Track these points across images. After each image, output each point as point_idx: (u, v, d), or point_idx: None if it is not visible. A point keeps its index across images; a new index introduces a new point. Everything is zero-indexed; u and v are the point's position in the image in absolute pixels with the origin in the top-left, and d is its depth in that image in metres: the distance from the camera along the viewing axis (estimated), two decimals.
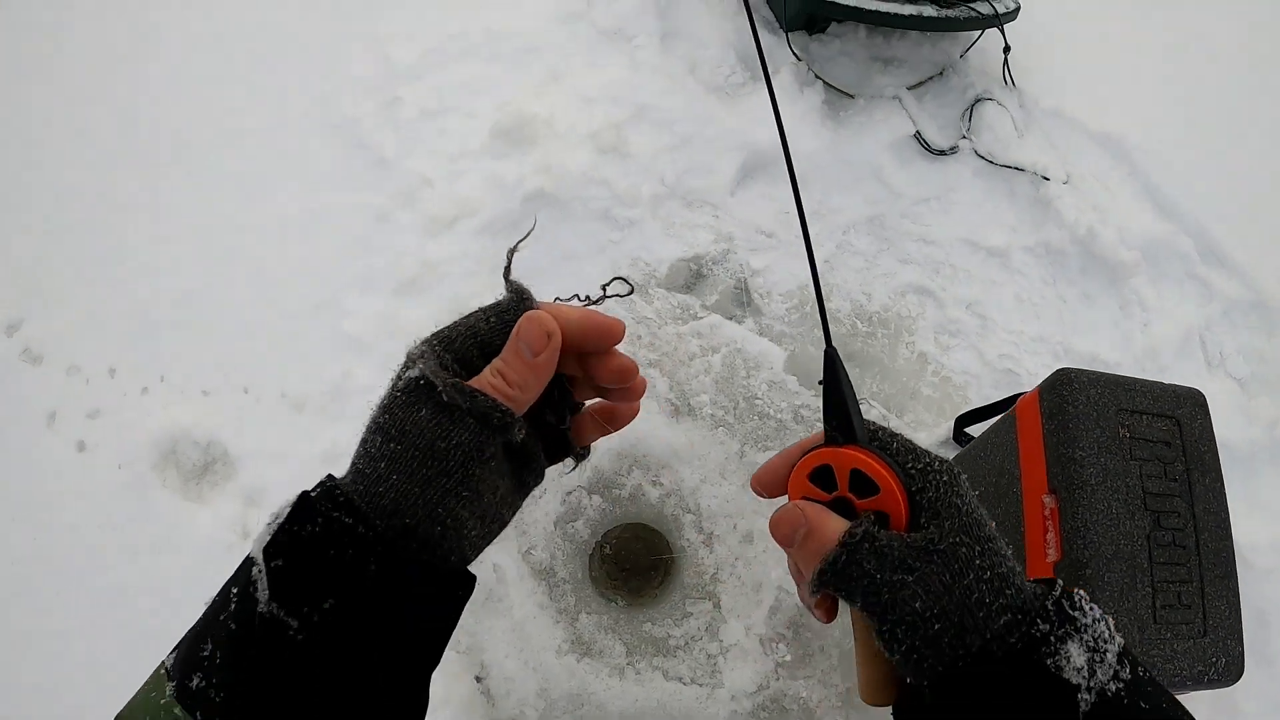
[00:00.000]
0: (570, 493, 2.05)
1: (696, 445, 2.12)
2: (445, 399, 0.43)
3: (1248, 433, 2.23)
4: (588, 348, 0.49)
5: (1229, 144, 2.80)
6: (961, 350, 2.37)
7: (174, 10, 2.80)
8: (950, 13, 2.56)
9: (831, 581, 0.45)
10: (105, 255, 2.28)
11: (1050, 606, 0.43)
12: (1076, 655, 0.41)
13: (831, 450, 0.48)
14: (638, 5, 2.85)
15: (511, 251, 0.50)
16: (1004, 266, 2.49)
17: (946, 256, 2.50)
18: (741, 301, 2.39)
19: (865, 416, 0.50)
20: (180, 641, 0.43)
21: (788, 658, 1.91)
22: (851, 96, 2.73)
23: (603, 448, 2.08)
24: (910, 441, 0.49)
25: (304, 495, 0.42)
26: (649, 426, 2.11)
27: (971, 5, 2.62)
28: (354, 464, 0.45)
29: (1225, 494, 1.55)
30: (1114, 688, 0.41)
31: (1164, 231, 2.53)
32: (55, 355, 2.13)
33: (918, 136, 2.64)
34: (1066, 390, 1.53)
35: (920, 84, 2.77)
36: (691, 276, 2.40)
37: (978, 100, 2.72)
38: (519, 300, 0.48)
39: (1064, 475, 1.49)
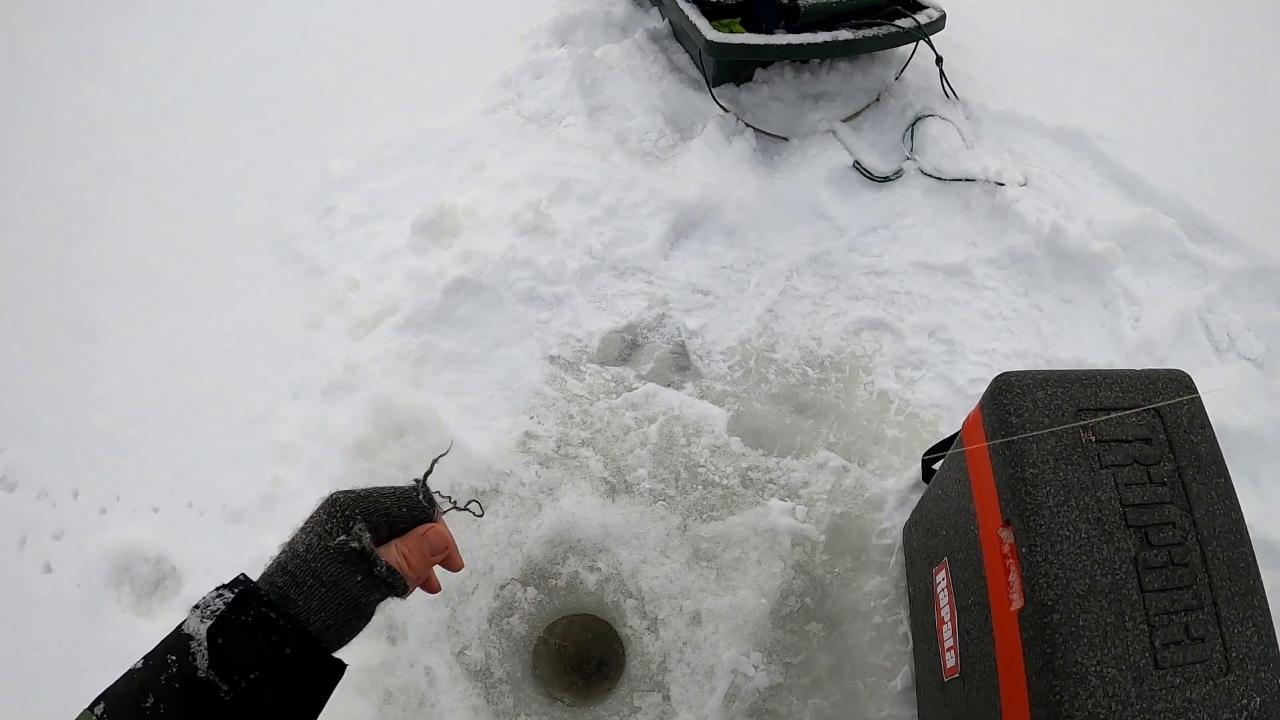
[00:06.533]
0: (504, 586, 1.92)
1: (633, 523, 1.96)
2: (377, 574, 0.61)
3: (1273, 413, 1.88)
4: (445, 563, 0.70)
5: (1191, 110, 2.51)
6: (927, 382, 2.13)
7: (142, 146, 3.02)
8: (868, 33, 2.46)
9: None
10: (73, 382, 2.39)
11: None
12: None
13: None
14: (564, 87, 2.89)
15: (434, 461, 0.73)
16: (966, 284, 2.27)
17: (901, 285, 2.30)
18: (680, 365, 2.26)
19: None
20: (109, 696, 0.55)
21: None
22: (785, 139, 2.64)
23: (533, 536, 1.96)
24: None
25: (241, 593, 0.57)
26: (581, 509, 1.97)
27: (892, 22, 2.51)
28: (276, 577, 0.59)
29: (1233, 489, 1.23)
30: None
31: (1141, 216, 2.25)
32: (27, 481, 2.24)
33: (857, 166, 2.50)
34: (1007, 398, 1.28)
35: (857, 114, 2.65)
36: (626, 347, 2.30)
37: (918, 119, 2.57)
38: (428, 506, 0.67)
39: (1016, 501, 1.23)
